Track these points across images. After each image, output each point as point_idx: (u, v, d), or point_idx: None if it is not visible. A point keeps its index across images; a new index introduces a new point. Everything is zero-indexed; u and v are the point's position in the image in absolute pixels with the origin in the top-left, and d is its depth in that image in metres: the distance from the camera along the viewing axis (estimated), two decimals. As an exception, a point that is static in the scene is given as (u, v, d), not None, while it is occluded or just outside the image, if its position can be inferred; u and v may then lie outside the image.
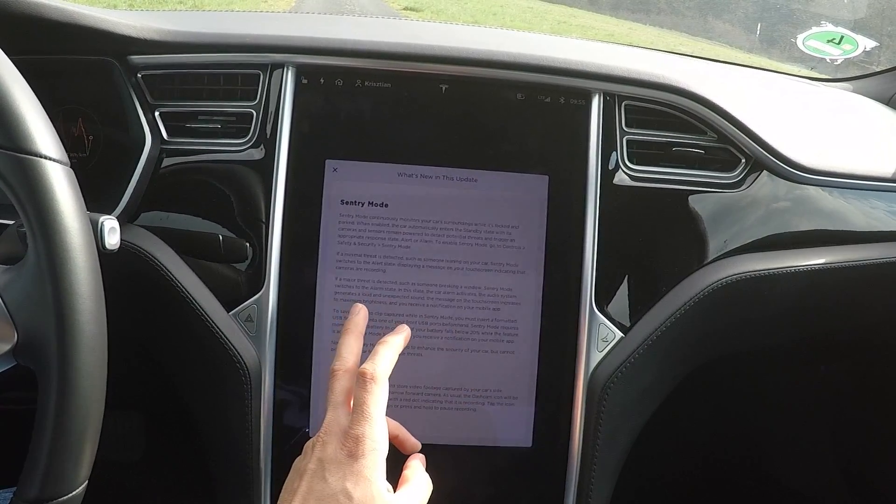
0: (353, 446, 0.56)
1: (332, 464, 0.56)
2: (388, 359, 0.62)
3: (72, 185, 0.53)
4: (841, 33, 1.26)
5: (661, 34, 9.32)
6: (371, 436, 0.57)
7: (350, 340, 0.64)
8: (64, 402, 0.51)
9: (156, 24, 0.80)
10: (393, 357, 0.63)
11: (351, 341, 0.64)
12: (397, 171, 0.80)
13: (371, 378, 0.59)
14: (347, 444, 0.56)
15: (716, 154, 0.87)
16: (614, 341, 0.82)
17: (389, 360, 0.62)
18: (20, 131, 0.51)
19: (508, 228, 0.81)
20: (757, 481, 1.37)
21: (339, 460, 0.56)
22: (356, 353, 0.64)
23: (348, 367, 0.62)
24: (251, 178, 0.79)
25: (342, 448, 0.56)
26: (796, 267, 0.88)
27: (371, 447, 0.56)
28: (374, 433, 0.57)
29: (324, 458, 0.56)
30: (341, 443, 0.56)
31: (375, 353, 0.62)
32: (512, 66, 0.81)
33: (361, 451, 0.56)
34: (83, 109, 0.81)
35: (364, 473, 0.55)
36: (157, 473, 1.28)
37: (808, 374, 1.28)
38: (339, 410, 0.59)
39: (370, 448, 0.56)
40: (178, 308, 0.77)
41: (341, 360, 0.63)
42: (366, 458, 0.56)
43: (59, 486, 0.52)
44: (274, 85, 0.79)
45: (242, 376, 0.78)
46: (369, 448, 0.56)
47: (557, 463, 0.83)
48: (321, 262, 0.79)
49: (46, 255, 0.50)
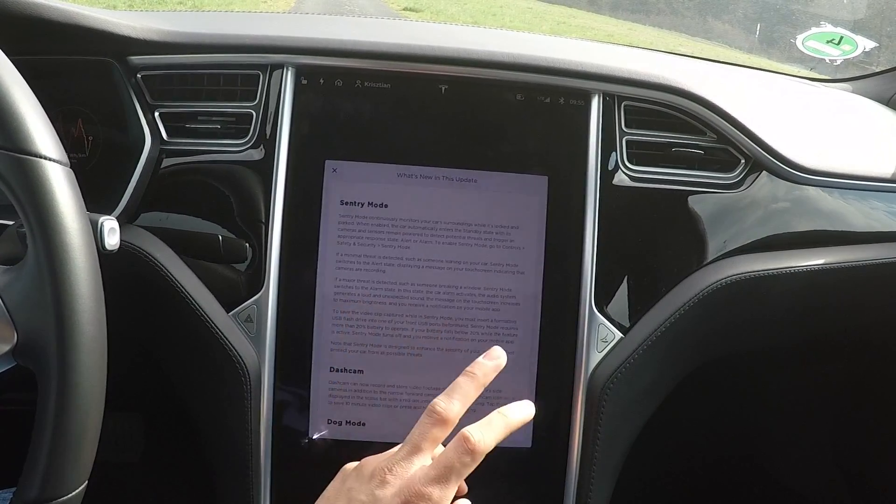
0: (415, 502, 0.51)
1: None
2: (499, 436, 0.55)
3: (72, 186, 0.53)
4: (840, 34, 1.26)
5: (661, 35, 9.32)
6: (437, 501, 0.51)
7: (470, 388, 0.57)
8: (64, 403, 0.51)
9: (155, 25, 0.80)
10: (505, 434, 0.55)
11: (470, 389, 0.57)
12: (397, 172, 0.80)
13: (473, 450, 0.53)
14: (410, 498, 0.51)
15: (715, 154, 0.87)
16: (614, 342, 0.82)
17: (500, 437, 0.55)
18: (20, 132, 0.51)
19: (508, 229, 0.81)
20: (757, 481, 1.37)
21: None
22: (467, 405, 0.56)
23: (452, 416, 0.55)
24: (251, 178, 0.79)
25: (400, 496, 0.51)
26: (796, 267, 0.88)
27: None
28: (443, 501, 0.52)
29: (379, 497, 0.52)
30: (403, 492, 0.52)
31: (491, 422, 0.56)
32: (511, 67, 0.81)
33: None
34: (83, 110, 0.80)
35: None
36: (156, 474, 1.28)
37: (808, 374, 1.28)
38: (417, 457, 0.54)
39: None
40: (177, 308, 0.77)
41: (450, 403, 0.55)
42: None
43: (59, 487, 0.51)
44: (273, 85, 0.79)
45: (242, 377, 0.78)
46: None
47: (557, 463, 0.83)
48: (321, 263, 0.79)
49: (46, 255, 0.50)
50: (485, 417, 0.55)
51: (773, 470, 1.36)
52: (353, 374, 0.80)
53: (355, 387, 0.80)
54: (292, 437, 0.80)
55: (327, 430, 0.81)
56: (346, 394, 0.81)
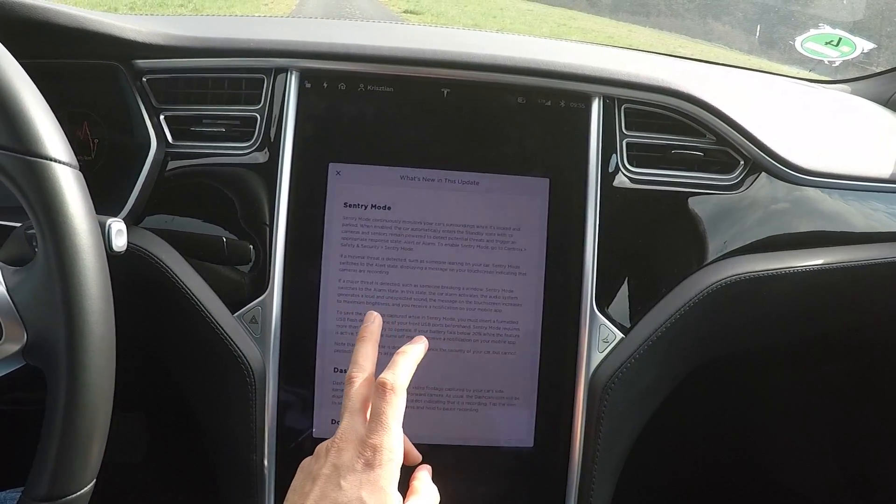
0: (370, 456, 0.56)
1: (347, 471, 0.56)
2: (407, 370, 0.62)
3: (81, 188, 0.53)
4: (839, 35, 1.27)
5: (661, 36, 9.33)
6: (389, 446, 0.57)
7: (366, 348, 0.64)
8: (72, 402, 0.51)
9: (161, 29, 0.81)
10: (412, 368, 0.63)
11: (367, 349, 0.64)
12: (400, 174, 0.81)
13: (391, 389, 0.59)
14: (365, 453, 0.56)
15: (714, 156, 0.88)
16: (615, 342, 0.83)
17: (408, 371, 0.62)
18: (30, 134, 0.52)
19: (510, 230, 0.82)
20: (757, 481, 1.37)
21: (354, 468, 0.56)
22: (372, 361, 0.64)
23: (365, 374, 0.62)
24: (255, 181, 0.80)
25: (359, 457, 0.56)
26: (795, 267, 0.89)
27: (388, 458, 0.56)
28: (392, 444, 0.57)
29: (339, 464, 0.56)
30: (358, 451, 0.56)
31: (394, 363, 0.62)
32: (513, 70, 0.82)
33: (378, 461, 0.56)
34: (89, 113, 0.81)
35: (380, 483, 0.55)
36: (160, 474, 1.28)
37: (809, 374, 1.28)
38: (356, 418, 0.59)
39: (387, 459, 0.56)
40: (182, 310, 0.78)
41: (358, 367, 0.63)
42: (382, 468, 0.56)
43: (67, 485, 0.52)
44: (278, 89, 0.80)
45: (247, 377, 0.78)
46: (386, 458, 0.56)
47: (559, 463, 0.83)
48: (325, 265, 0.80)
49: (56, 256, 0.51)
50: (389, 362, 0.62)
51: (773, 470, 1.36)
52: None
53: None
54: (296, 438, 0.81)
55: (330, 430, 0.81)
56: None
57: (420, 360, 0.65)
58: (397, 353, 0.64)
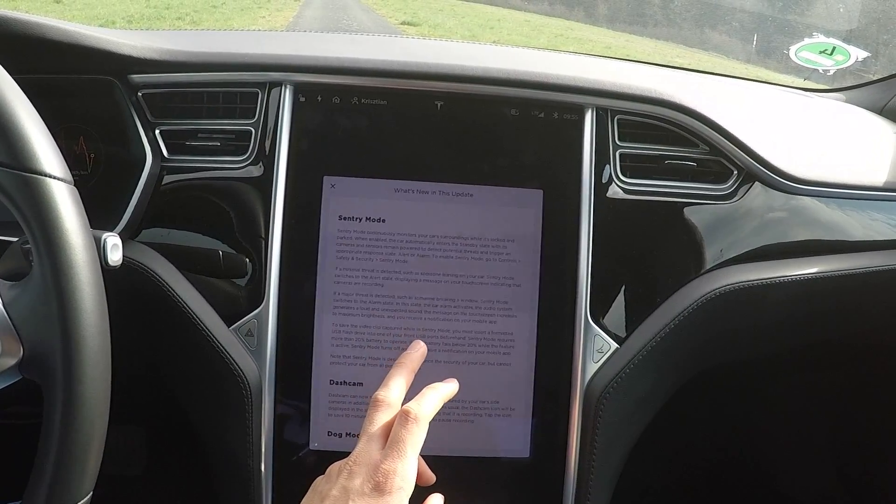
0: (381, 481, 0.55)
1: (357, 495, 0.54)
2: (433, 404, 0.61)
3: (76, 203, 0.54)
4: (833, 44, 1.27)
5: (658, 46, 9.36)
6: (402, 474, 0.55)
7: (401, 374, 0.63)
8: (69, 415, 0.52)
9: (156, 44, 0.81)
10: (439, 404, 0.62)
11: (402, 375, 0.63)
12: (394, 187, 0.81)
13: (414, 418, 0.58)
14: (376, 477, 0.55)
15: (708, 166, 0.88)
16: (610, 352, 0.83)
17: (435, 406, 0.61)
18: (25, 150, 0.52)
19: (504, 242, 0.82)
20: (755, 490, 1.37)
21: (364, 493, 0.54)
22: (403, 389, 0.63)
23: (392, 400, 0.61)
24: (250, 194, 0.80)
25: (370, 481, 0.55)
26: (790, 276, 0.89)
27: (399, 485, 0.55)
28: (406, 472, 0.56)
29: (349, 487, 0.55)
30: (370, 475, 0.55)
31: (423, 395, 0.61)
32: (506, 83, 0.82)
33: (389, 487, 0.54)
34: (84, 127, 0.82)
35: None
36: (158, 487, 1.28)
37: (806, 380, 1.28)
38: (373, 443, 0.58)
39: (398, 486, 0.55)
40: (179, 323, 0.78)
41: (387, 391, 0.61)
42: (392, 495, 0.54)
43: (64, 498, 0.52)
44: (272, 103, 0.81)
45: (243, 390, 0.78)
46: (397, 486, 0.55)
47: (555, 473, 0.83)
48: (320, 277, 0.80)
49: (51, 271, 0.51)
50: (418, 394, 0.61)
51: (771, 478, 1.36)
52: (353, 386, 0.81)
53: (355, 399, 0.81)
54: (293, 449, 0.81)
55: (328, 442, 0.82)
56: (346, 406, 0.81)
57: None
58: (427, 387, 0.62)
